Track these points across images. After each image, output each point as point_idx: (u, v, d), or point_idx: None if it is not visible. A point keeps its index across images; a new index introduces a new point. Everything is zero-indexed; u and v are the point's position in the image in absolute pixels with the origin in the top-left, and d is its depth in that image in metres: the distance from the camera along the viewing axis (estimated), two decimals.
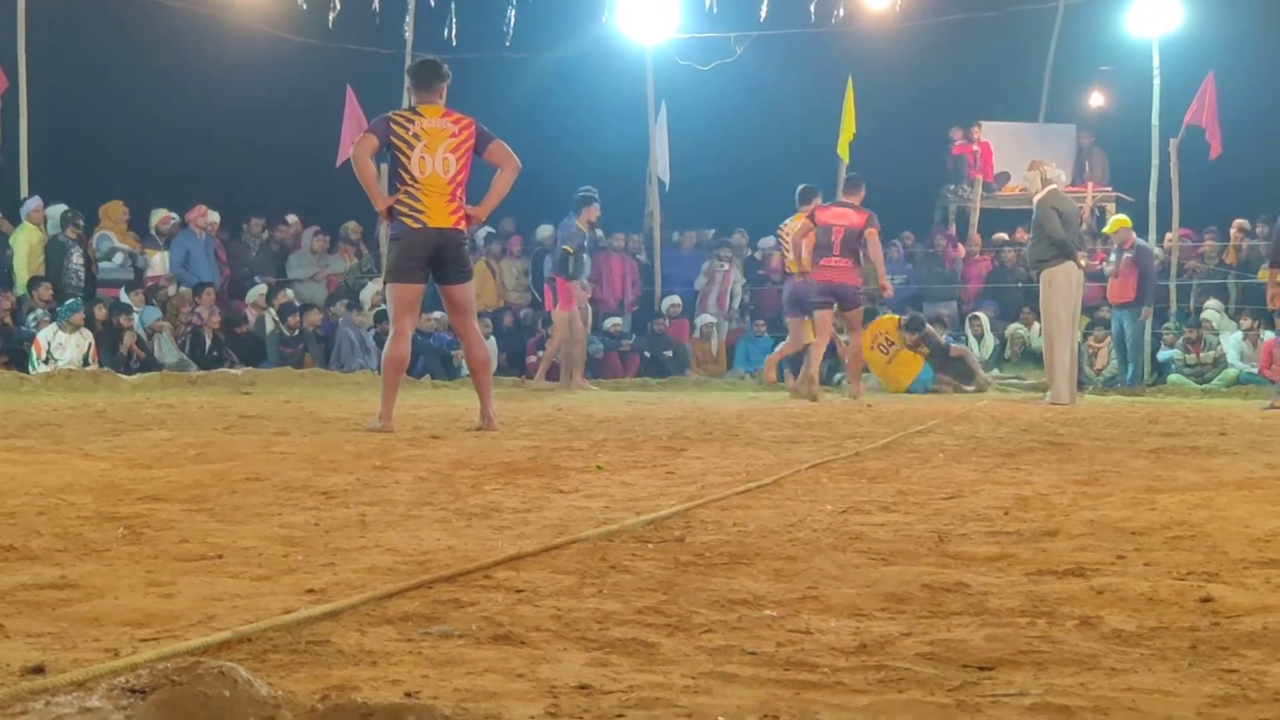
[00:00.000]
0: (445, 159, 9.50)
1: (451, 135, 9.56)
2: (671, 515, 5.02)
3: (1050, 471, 6.72)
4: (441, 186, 9.49)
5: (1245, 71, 20.96)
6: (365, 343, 18.78)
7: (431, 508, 5.23)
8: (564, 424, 10.27)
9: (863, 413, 12.10)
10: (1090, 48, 23.82)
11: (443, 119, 9.60)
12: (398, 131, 9.51)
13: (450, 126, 9.58)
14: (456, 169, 9.54)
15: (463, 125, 9.62)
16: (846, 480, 6.35)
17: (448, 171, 9.51)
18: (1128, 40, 20.63)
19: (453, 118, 9.65)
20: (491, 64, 22.44)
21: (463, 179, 9.60)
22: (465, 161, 9.59)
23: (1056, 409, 13.12)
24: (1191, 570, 3.90)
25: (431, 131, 9.52)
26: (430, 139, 9.50)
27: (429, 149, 9.48)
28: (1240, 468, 6.91)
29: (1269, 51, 21.97)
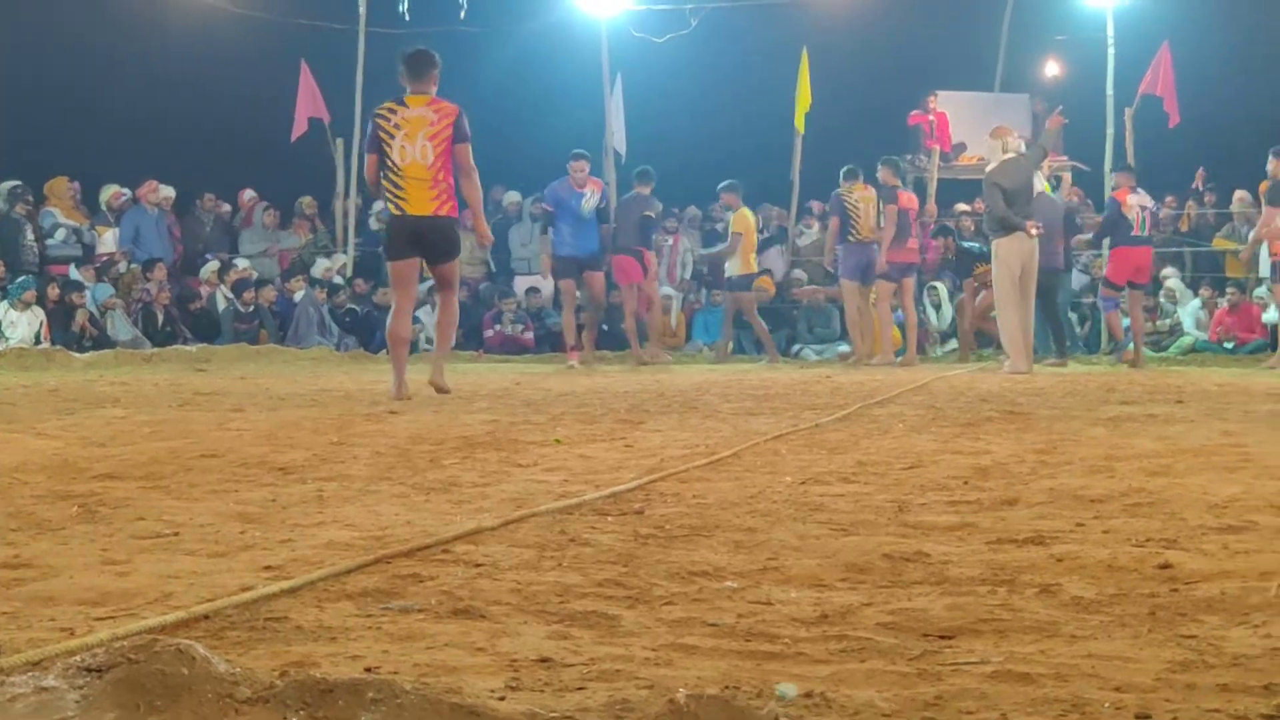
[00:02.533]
0: (424, 146, 9.91)
1: (431, 124, 9.95)
2: (631, 488, 5.01)
3: (1009, 440, 6.74)
4: (422, 173, 9.92)
5: (1200, 40, 21.02)
6: (325, 320, 18.69)
7: (389, 483, 5.21)
8: (522, 398, 10.25)
9: (821, 384, 12.11)
10: (1045, 17, 23.85)
11: (426, 108, 10.02)
12: (381, 124, 10.01)
13: (431, 114, 9.98)
14: (435, 156, 9.92)
15: (443, 114, 10.01)
16: (806, 452, 6.35)
17: (426, 159, 9.92)
18: (1082, 9, 20.67)
19: (435, 105, 10.04)
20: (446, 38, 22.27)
21: (444, 164, 9.96)
22: (445, 148, 9.94)
23: (1015, 378, 13.15)
24: (1150, 537, 3.91)
25: (412, 120, 9.96)
26: (410, 128, 9.94)
27: (409, 137, 9.92)
28: (1197, 435, 6.93)
29: (1223, 20, 22.05)
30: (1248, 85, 21.78)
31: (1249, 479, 5.11)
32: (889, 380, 12.49)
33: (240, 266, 19.33)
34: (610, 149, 21.12)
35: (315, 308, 18.64)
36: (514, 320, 19.11)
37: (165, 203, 19.68)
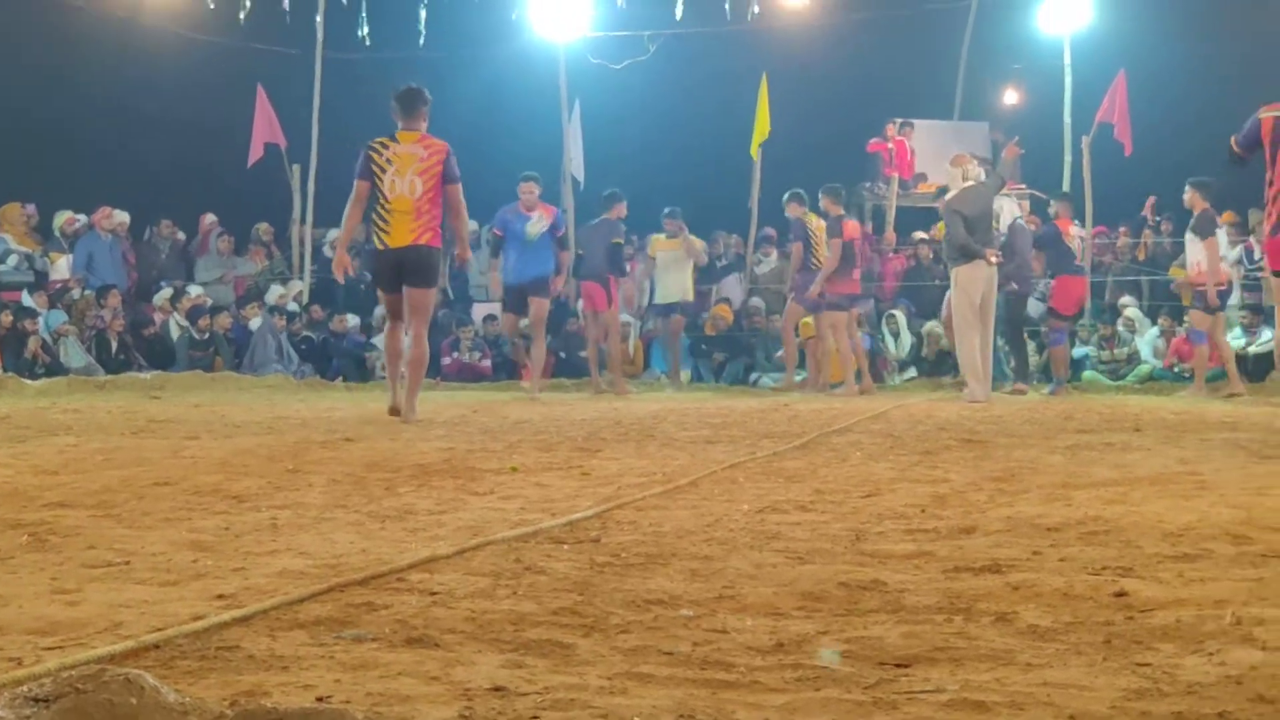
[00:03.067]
0: (412, 181, 10.47)
1: (420, 160, 10.52)
2: (587, 516, 4.99)
3: (967, 469, 6.74)
4: (408, 206, 10.46)
5: (1156, 69, 21.17)
6: (282, 347, 18.59)
7: (344, 510, 5.18)
8: (479, 425, 10.22)
9: (779, 412, 12.11)
10: (1003, 46, 24.00)
11: (416, 144, 10.59)
12: (374, 159, 10.56)
13: (420, 151, 10.56)
14: (423, 190, 10.48)
15: (433, 151, 10.59)
16: (763, 480, 6.34)
17: (414, 193, 10.47)
18: (1040, 38, 20.81)
19: (425, 143, 10.62)
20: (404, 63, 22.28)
21: (431, 198, 10.52)
22: (434, 183, 10.51)
23: (974, 406, 13.18)
24: (1106, 565, 3.92)
25: (403, 156, 10.52)
26: (400, 163, 10.50)
27: (399, 172, 10.47)
28: (1154, 463, 6.96)
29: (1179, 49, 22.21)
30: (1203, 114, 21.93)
31: (1205, 507, 5.13)
32: (847, 409, 12.50)
33: (194, 294, 19.20)
34: (568, 175, 21.13)
35: (273, 335, 18.55)
36: (472, 348, 19.05)
37: (120, 229, 19.56)
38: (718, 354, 18.94)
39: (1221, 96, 22.13)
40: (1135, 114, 19.80)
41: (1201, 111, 21.28)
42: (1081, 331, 18.46)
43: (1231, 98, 22.31)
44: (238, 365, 18.29)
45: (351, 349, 18.73)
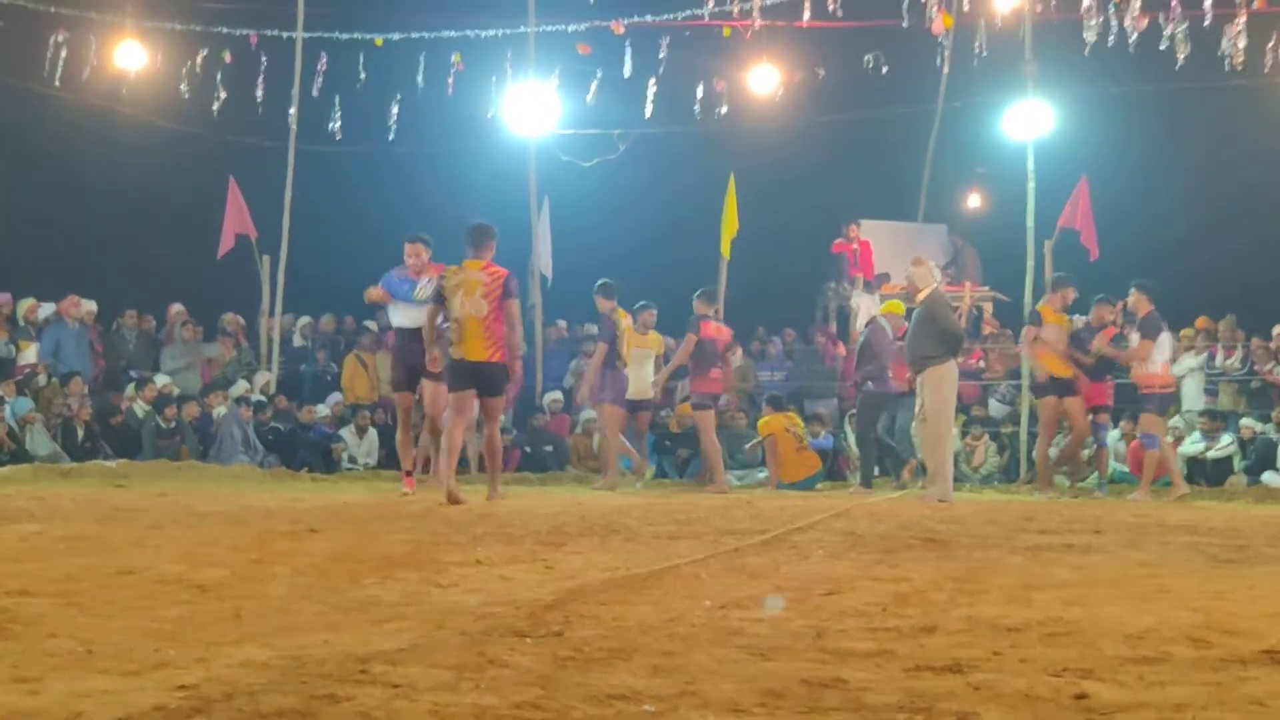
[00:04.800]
0: (478, 303, 12.16)
1: (484, 284, 12.22)
2: (550, 609, 5.00)
3: (928, 568, 6.76)
4: (475, 325, 12.18)
5: (1119, 176, 21.41)
6: (249, 437, 18.53)
7: (308, 601, 5.17)
8: (443, 517, 10.20)
9: (742, 509, 12.11)
10: (968, 150, 24.26)
11: (481, 271, 12.30)
12: (445, 284, 12.34)
13: (484, 277, 12.26)
14: (488, 310, 12.17)
15: (495, 276, 12.30)
16: (726, 576, 6.35)
17: (480, 313, 12.17)
18: (1004, 143, 20.98)
19: (490, 270, 12.34)
20: (374, 157, 22.47)
21: (495, 317, 12.22)
22: (495, 304, 12.21)
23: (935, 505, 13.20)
24: (1067, 667, 3.94)
25: (469, 282, 12.21)
26: (467, 288, 12.19)
27: (467, 295, 12.18)
28: (1114, 565, 6.99)
29: (1140, 156, 22.49)
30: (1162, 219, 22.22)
31: (1165, 610, 5.16)
32: (810, 506, 12.52)
33: (160, 383, 19.13)
34: (536, 271, 21.22)
35: (239, 425, 18.49)
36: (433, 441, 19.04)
37: (88, 317, 19.53)
38: (682, 450, 18.97)
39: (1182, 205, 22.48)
40: (1098, 218, 19.98)
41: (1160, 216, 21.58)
42: None
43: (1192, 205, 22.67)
44: (203, 454, 18.22)
45: (318, 440, 18.69)
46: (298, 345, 20.56)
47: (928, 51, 21.44)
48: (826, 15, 19.52)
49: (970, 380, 20.37)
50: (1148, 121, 22.32)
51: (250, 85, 20.77)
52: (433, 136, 22.72)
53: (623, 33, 20.37)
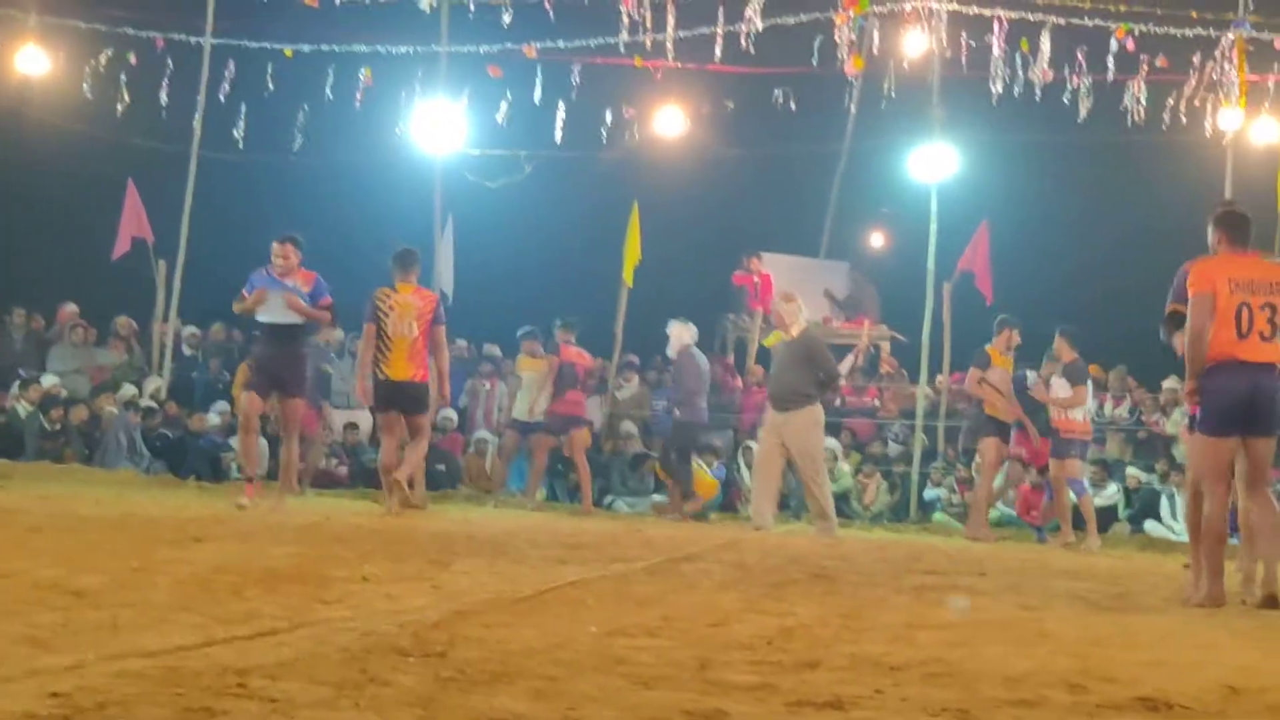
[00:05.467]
0: (410, 324, 13.08)
1: (416, 308, 13.16)
2: (434, 629, 4.97)
3: (815, 603, 6.79)
4: (405, 345, 13.06)
5: (1018, 222, 21.62)
6: (135, 444, 18.27)
7: (189, 613, 5.11)
8: (331, 533, 10.12)
9: (632, 536, 12.11)
10: (872, 189, 24.41)
11: (413, 294, 13.27)
12: (380, 305, 13.13)
13: (416, 300, 13.23)
14: (418, 332, 13.09)
15: (426, 299, 13.43)
16: (612, 603, 6.34)
17: (411, 333, 13.07)
18: (909, 184, 21.13)
19: (420, 294, 13.43)
20: (279, 166, 22.26)
21: (423, 341, 13.14)
22: (425, 326, 13.16)
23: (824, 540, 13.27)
24: (946, 707, 3.96)
25: (402, 304, 13.14)
26: (401, 310, 13.10)
27: (400, 317, 13.07)
28: (997, 609, 7.06)
29: (1041, 203, 22.74)
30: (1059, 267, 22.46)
31: (1044, 654, 5.21)
32: (700, 535, 12.54)
33: (47, 383, 18.85)
34: (438, 289, 21.13)
35: (126, 430, 18.24)
36: (329, 454, 18.91)
37: None
38: (573, 474, 18.94)
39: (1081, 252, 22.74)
40: (996, 262, 20.19)
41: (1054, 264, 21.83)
42: (934, 474, 18.68)
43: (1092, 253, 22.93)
44: (89, 458, 17.96)
45: (208, 448, 18.47)
46: (188, 354, 20.33)
47: (836, 91, 21.59)
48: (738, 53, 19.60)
49: (865, 418, 20.51)
50: (1048, 170, 22.57)
51: (155, 89, 20.53)
52: (339, 149, 22.54)
53: (535, 57, 20.36)
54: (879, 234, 25.79)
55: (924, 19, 19.30)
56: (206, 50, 20.16)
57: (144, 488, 15.92)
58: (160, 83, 20.48)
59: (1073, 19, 18.79)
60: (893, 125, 21.96)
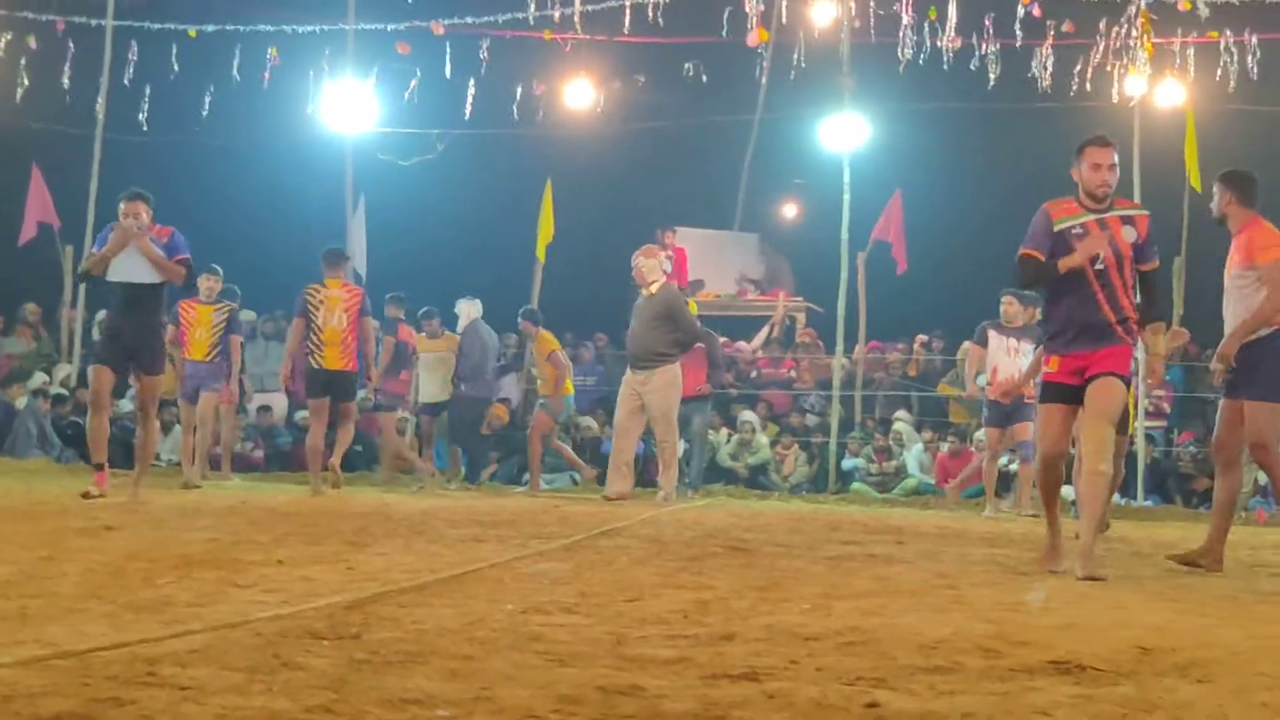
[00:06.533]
0: (340, 317, 14.08)
1: (344, 301, 14.14)
2: (349, 611, 4.94)
3: (731, 576, 6.80)
4: (336, 337, 14.05)
5: (930, 190, 21.76)
6: (45, 432, 18.07)
7: (99, 601, 5.05)
8: (246, 516, 10.04)
9: (549, 513, 12.09)
10: (785, 161, 24.49)
11: (340, 289, 14.30)
12: (310, 300, 14.10)
13: (344, 295, 14.23)
14: (347, 325, 14.09)
15: (352, 294, 14.38)
16: (528, 580, 6.33)
17: (341, 326, 14.07)
18: (821, 154, 21.19)
19: (346, 289, 14.45)
20: (185, 149, 22.05)
21: (353, 331, 14.13)
22: (353, 319, 14.15)
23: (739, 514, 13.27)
24: (861, 676, 3.97)
25: (331, 299, 14.11)
26: (330, 304, 14.08)
27: (329, 310, 14.04)
28: (913, 576, 7.09)
29: (953, 172, 22.89)
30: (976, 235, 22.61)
31: (960, 621, 5.24)
32: (618, 512, 12.53)
33: None
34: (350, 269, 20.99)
35: (36, 418, 18.03)
36: (243, 438, 18.79)
37: None
38: (493, 453, 18.89)
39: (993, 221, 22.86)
40: (910, 233, 20.31)
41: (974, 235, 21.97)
42: (851, 444, 18.78)
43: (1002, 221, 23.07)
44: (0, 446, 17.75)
45: (120, 435, 18.27)
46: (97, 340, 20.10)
47: (746, 62, 21.63)
48: (647, 25, 19.58)
49: (782, 390, 20.57)
50: (959, 138, 22.73)
51: (57, 73, 20.28)
52: (247, 130, 22.39)
53: (443, 34, 20.26)
54: (792, 205, 25.91)
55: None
56: (109, 32, 19.92)
57: (56, 476, 15.75)
58: (62, 67, 20.25)
59: None
60: (803, 95, 22.04)
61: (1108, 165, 7.78)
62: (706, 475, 18.32)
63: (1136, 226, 7.80)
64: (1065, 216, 7.81)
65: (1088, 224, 7.74)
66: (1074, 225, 7.75)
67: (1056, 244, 7.75)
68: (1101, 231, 7.70)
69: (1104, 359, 7.66)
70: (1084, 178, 7.82)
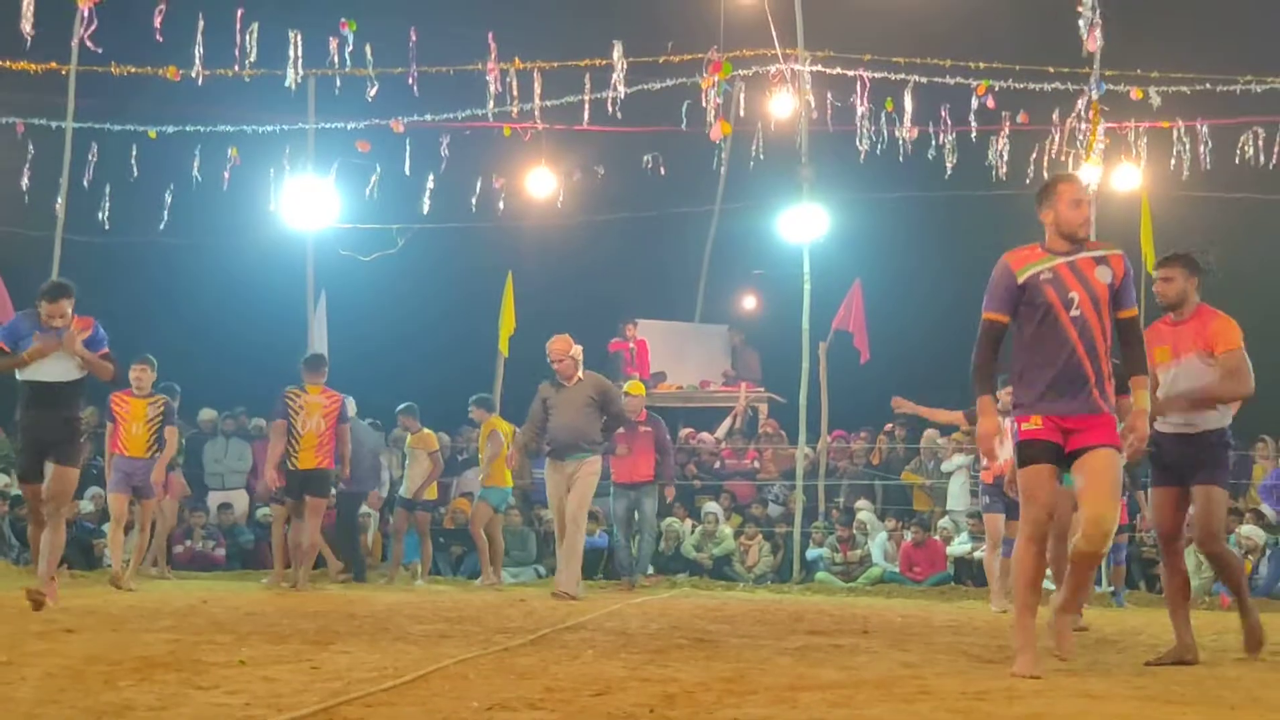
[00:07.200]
0: (318, 422, 14.86)
1: (323, 407, 14.90)
2: (313, 713, 4.89)
3: (697, 668, 6.77)
4: (313, 441, 14.84)
5: (891, 279, 21.88)
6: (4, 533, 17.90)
7: (58, 706, 5.00)
8: (208, 616, 9.97)
9: (515, 607, 12.04)
10: (745, 251, 24.57)
11: (319, 395, 14.97)
12: (290, 404, 14.89)
13: (323, 400, 14.95)
14: (325, 429, 14.87)
15: (331, 400, 15.03)
16: (495, 676, 6.29)
17: (319, 430, 14.84)
18: (780, 245, 21.24)
19: (326, 394, 15.04)
20: (146, 246, 22.03)
21: (330, 434, 14.91)
22: (331, 424, 14.93)
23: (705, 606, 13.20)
24: None
25: (310, 404, 14.88)
26: (309, 410, 14.84)
27: (308, 415, 14.82)
28: (880, 666, 7.07)
29: (911, 259, 23.01)
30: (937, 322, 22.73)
31: (926, 711, 5.23)
32: (582, 605, 12.48)
33: None
34: None
35: None
36: (205, 536, 18.67)
37: None
38: (455, 547, 18.81)
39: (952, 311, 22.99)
40: (871, 321, 20.40)
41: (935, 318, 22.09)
42: (815, 534, 18.75)
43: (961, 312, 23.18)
44: None
45: (80, 535, 18.15)
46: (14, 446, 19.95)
47: (705, 153, 21.74)
48: (606, 118, 19.69)
49: (745, 480, 20.55)
50: (917, 226, 22.88)
51: (16, 174, 20.27)
52: (207, 229, 22.36)
53: (402, 131, 20.33)
54: (752, 296, 25.98)
55: (789, 80, 19.48)
56: (69, 134, 19.91)
57: (15, 577, 15.59)
58: (21, 168, 20.24)
59: (934, 77, 19.05)
60: (762, 186, 22.17)
61: (1086, 201, 7.37)
62: (670, 566, 18.31)
63: (1112, 267, 7.24)
64: (1029, 264, 7.27)
65: (1056, 267, 7.21)
66: (1041, 270, 7.21)
67: (1024, 296, 7.21)
68: (1071, 275, 7.17)
69: (1095, 428, 7.08)
70: (1061, 217, 7.28)
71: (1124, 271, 7.29)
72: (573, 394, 14.50)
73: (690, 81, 19.36)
